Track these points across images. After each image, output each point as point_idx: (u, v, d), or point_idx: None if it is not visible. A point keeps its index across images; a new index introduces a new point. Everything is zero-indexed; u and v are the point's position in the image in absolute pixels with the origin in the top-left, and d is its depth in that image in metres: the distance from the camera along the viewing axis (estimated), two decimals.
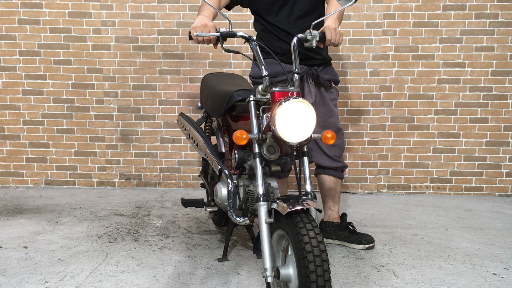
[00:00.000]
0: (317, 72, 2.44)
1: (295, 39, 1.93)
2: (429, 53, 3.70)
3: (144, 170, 3.91)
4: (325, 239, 2.58)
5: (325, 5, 2.49)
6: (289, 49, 2.18)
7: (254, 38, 1.95)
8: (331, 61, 2.58)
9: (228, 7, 2.51)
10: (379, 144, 3.81)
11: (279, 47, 2.42)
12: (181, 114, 2.72)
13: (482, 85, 3.71)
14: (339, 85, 2.70)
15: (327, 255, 1.52)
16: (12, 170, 3.91)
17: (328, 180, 2.60)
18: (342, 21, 3.72)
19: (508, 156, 3.78)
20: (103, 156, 3.89)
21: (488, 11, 3.63)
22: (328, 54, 2.56)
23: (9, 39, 3.76)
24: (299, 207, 1.60)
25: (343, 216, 2.66)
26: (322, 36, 2.03)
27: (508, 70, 3.69)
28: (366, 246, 2.54)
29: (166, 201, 3.53)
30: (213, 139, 2.58)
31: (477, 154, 3.79)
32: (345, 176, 2.71)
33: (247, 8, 2.53)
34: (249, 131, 1.86)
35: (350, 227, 2.62)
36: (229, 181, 2.10)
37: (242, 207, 2.10)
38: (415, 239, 2.72)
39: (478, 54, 3.68)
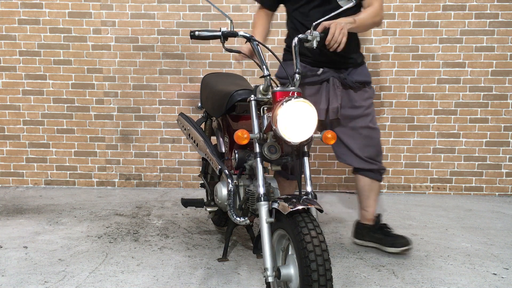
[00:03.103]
0: (344, 75, 2.35)
1: (295, 39, 1.94)
2: (429, 53, 3.70)
3: (144, 170, 3.90)
4: (359, 241, 2.55)
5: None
6: (315, 51, 2.21)
7: (255, 38, 1.95)
8: (364, 61, 2.45)
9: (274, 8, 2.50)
10: None
11: (305, 48, 2.33)
12: (181, 114, 2.72)
13: (482, 85, 3.72)
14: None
15: (328, 255, 1.52)
16: (12, 170, 3.91)
17: (362, 180, 2.51)
18: None
19: (508, 156, 3.79)
20: (103, 156, 3.89)
21: (488, 11, 3.63)
22: (362, 54, 2.46)
23: (9, 39, 3.76)
24: (300, 207, 1.60)
25: (378, 217, 2.55)
26: (323, 37, 2.02)
27: (508, 70, 3.70)
28: (401, 249, 2.39)
29: (166, 201, 3.52)
30: (213, 139, 2.58)
31: (477, 154, 3.79)
32: (382, 178, 2.54)
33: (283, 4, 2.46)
34: (250, 131, 1.86)
35: (385, 229, 2.51)
36: (229, 181, 2.10)
37: (242, 207, 2.10)
38: (415, 239, 2.72)
39: (478, 54, 3.68)
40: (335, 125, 2.43)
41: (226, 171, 2.15)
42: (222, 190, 2.19)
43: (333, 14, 2.08)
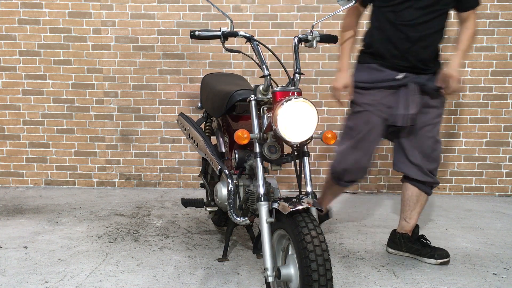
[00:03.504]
0: (424, 81, 2.25)
1: (295, 39, 1.95)
2: None
3: (144, 170, 3.90)
4: (394, 251, 2.49)
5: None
6: (396, 55, 2.18)
7: (256, 37, 1.95)
8: (440, 69, 2.33)
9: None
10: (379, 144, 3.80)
11: (385, 48, 2.24)
12: (181, 114, 2.72)
13: (482, 85, 3.72)
14: None
15: (329, 255, 1.52)
16: (12, 170, 3.91)
17: (411, 190, 2.41)
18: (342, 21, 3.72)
19: (508, 156, 3.79)
20: (103, 156, 3.89)
21: (488, 11, 3.63)
22: (440, 61, 2.33)
23: (9, 39, 3.76)
24: (300, 207, 1.60)
25: (416, 228, 2.46)
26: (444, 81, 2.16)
27: (508, 70, 3.70)
28: (440, 261, 2.34)
29: (166, 201, 3.52)
30: (213, 139, 2.58)
31: (477, 154, 3.79)
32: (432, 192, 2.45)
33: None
34: (250, 131, 1.87)
35: (423, 240, 2.45)
36: (229, 181, 2.10)
37: (242, 207, 2.10)
38: None
39: (478, 54, 3.68)
40: (403, 133, 2.33)
41: (226, 171, 2.15)
42: (222, 190, 2.19)
43: (332, 14, 2.07)
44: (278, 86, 1.80)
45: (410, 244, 2.43)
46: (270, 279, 1.67)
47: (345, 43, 2.32)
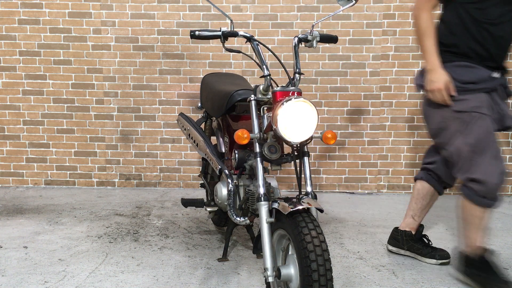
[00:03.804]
0: (505, 83, 2.13)
1: (295, 39, 1.95)
2: None
3: (144, 170, 3.90)
4: (395, 249, 2.48)
5: None
6: (483, 53, 2.02)
7: (256, 37, 1.95)
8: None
9: None
10: (379, 144, 3.81)
11: (471, 48, 2.06)
12: (181, 114, 2.72)
13: None
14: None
15: (329, 255, 1.53)
16: (12, 170, 3.91)
17: (427, 188, 2.37)
18: (342, 21, 3.74)
19: (508, 156, 3.78)
20: (103, 156, 3.89)
21: None
22: None
23: (9, 39, 3.76)
24: (300, 207, 1.60)
25: (420, 227, 2.44)
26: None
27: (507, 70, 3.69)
28: (440, 262, 2.34)
29: (166, 201, 3.52)
30: (213, 139, 2.58)
31: None
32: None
33: None
34: (250, 130, 1.87)
35: (425, 239, 2.43)
36: (229, 181, 2.10)
37: (242, 207, 2.10)
38: None
39: None
40: None
41: (226, 171, 2.15)
42: (222, 190, 2.19)
43: (332, 14, 2.08)
44: (278, 86, 1.80)
45: (412, 242, 2.42)
46: (270, 279, 1.67)
47: (428, 39, 2.10)
